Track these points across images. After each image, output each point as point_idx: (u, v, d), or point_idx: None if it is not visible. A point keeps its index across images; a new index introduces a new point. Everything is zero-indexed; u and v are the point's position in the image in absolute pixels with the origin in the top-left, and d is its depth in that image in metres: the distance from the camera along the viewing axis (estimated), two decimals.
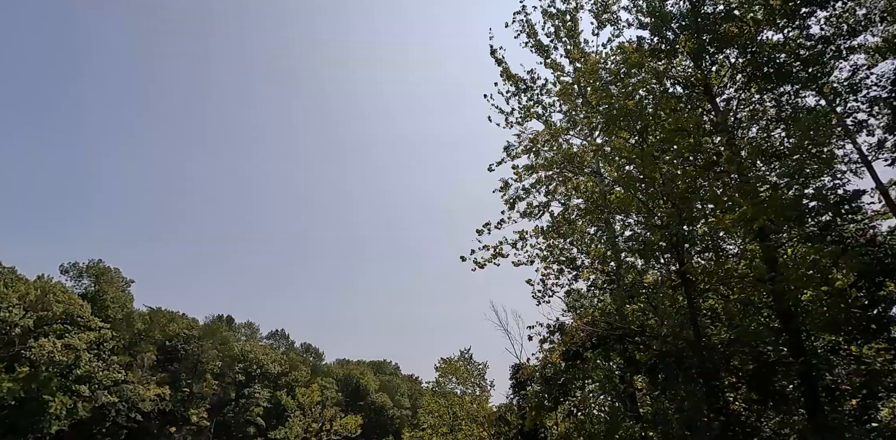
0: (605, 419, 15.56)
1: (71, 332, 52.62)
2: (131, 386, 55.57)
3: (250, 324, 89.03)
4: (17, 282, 55.62)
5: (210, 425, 63.46)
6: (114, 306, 62.71)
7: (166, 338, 64.80)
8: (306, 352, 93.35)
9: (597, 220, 14.58)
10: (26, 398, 46.23)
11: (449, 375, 25.94)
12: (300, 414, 69.09)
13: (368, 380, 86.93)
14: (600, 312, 13.01)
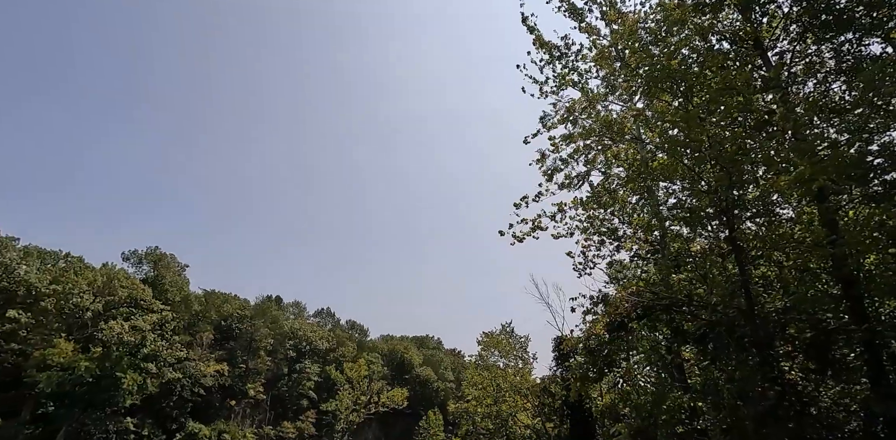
0: (651, 390, 15.44)
1: (136, 315, 56.40)
2: (193, 363, 59.39)
3: (297, 304, 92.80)
4: (86, 270, 59.95)
5: (266, 398, 67.38)
6: (172, 289, 66.73)
7: (221, 318, 68.52)
8: (352, 329, 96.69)
9: (639, 188, 14.10)
10: (102, 375, 50.29)
11: (491, 349, 26.30)
12: (349, 387, 72.15)
13: (412, 355, 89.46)
14: (645, 283, 12.71)
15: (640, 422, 13.81)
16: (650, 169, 12.63)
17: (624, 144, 14.05)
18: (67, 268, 60.46)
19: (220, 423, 59.93)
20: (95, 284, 57.28)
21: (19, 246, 59.50)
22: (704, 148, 10.76)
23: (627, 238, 15.42)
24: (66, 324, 53.78)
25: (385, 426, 79.50)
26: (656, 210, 13.67)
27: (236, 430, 61.07)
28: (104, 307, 55.94)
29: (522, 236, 15.25)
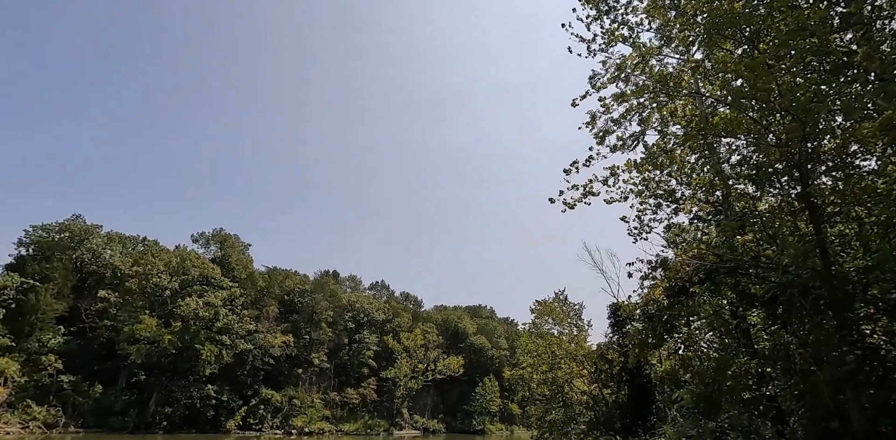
0: (714, 356, 15.00)
1: (208, 292, 60.65)
2: (261, 335, 63.55)
3: (353, 277, 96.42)
4: (161, 252, 64.80)
5: (330, 367, 71.47)
6: (238, 268, 71.08)
7: (284, 293, 72.47)
8: (406, 300, 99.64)
9: (698, 146, 13.27)
10: (183, 347, 54.88)
11: (545, 316, 26.33)
12: (406, 356, 75.11)
13: (466, 324, 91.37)
14: (706, 246, 12.11)
15: (703, 388, 13.51)
16: (711, 124, 11.82)
17: (681, 100, 13.15)
18: (146, 251, 65.65)
19: (289, 390, 64.39)
20: (171, 265, 62.02)
21: (103, 232, 64.98)
22: (773, 98, 9.88)
23: (686, 200, 14.67)
24: (149, 302, 58.77)
25: (442, 392, 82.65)
26: (718, 168, 12.83)
27: (305, 396, 65.49)
28: (180, 285, 60.56)
29: (573, 202, 14.82)
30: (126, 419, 50.86)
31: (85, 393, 50.78)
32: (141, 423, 51.48)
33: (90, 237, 61.99)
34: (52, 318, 52.46)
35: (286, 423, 60.92)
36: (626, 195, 15.07)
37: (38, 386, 48.70)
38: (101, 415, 50.27)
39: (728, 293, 12.47)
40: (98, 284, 59.40)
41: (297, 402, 63.45)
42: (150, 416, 52.50)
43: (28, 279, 51.80)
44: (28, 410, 46.84)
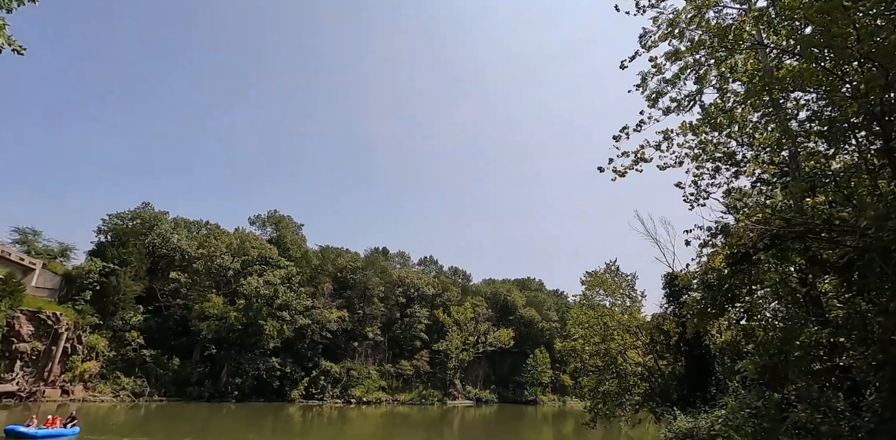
0: (779, 325, 14.29)
1: (267, 271, 63.78)
2: (318, 310, 66.55)
3: (402, 254, 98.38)
4: (223, 235, 68.55)
5: (384, 340, 74.18)
6: (293, 247, 74.19)
7: (337, 271, 75.17)
8: (454, 274, 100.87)
9: (762, 102, 12.28)
10: (248, 323, 58.45)
11: (596, 288, 25.87)
12: (457, 329, 76.63)
13: (515, 297, 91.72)
14: (772, 210, 11.33)
15: (769, 360, 12.94)
16: (776, 78, 10.86)
17: (742, 54, 12.14)
18: (209, 235, 69.66)
19: (346, 362, 67.56)
20: (232, 246, 65.66)
21: (170, 218, 69.38)
22: (850, 44, 8.90)
23: (748, 162, 13.75)
24: (215, 282, 62.63)
25: (493, 363, 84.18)
26: (785, 126, 11.86)
27: (361, 368, 68.56)
28: (241, 265, 64.09)
29: (624, 170, 14.23)
30: (202, 389, 55.31)
31: (165, 365, 55.44)
32: (215, 393, 55.84)
33: (159, 223, 66.42)
34: (132, 299, 57.09)
35: (345, 393, 64.25)
36: (680, 160, 14.31)
37: (124, 359, 53.62)
38: (180, 386, 54.88)
39: (796, 259, 11.71)
40: (169, 266, 63.83)
41: (354, 374, 66.58)
42: (222, 387, 56.79)
43: (109, 263, 56.43)
44: (118, 381, 51.83)
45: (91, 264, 56.27)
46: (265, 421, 40.21)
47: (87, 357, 50.41)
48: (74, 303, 53.20)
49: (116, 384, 51.48)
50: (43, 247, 62.80)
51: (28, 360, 46.19)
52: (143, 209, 67.48)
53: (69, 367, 48.48)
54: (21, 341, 46.13)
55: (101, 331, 52.99)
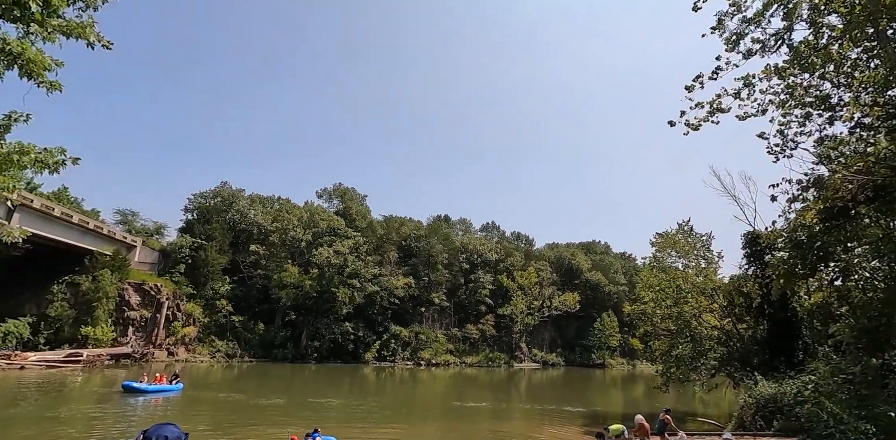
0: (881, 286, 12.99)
1: (336, 241, 66.79)
2: (385, 278, 69.21)
3: (464, 220, 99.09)
4: (294, 209, 72.41)
5: (449, 305, 76.20)
6: (358, 218, 76.95)
7: (401, 239, 77.30)
8: (517, 239, 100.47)
9: (864, 36, 10.69)
10: (322, 291, 62.05)
11: (667, 249, 24.71)
12: (521, 293, 76.99)
13: (580, 261, 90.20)
14: (875, 158, 10.04)
15: (867, 323, 11.87)
16: (883, 6, 9.34)
17: None
18: (281, 209, 73.81)
19: (415, 326, 70.38)
20: (303, 219, 69.37)
21: (246, 195, 74.23)
22: None
23: (845, 105, 12.18)
24: (290, 253, 66.66)
25: (559, 328, 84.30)
26: (893, 61, 10.28)
27: (429, 332, 71.22)
28: (312, 237, 67.61)
29: (698, 123, 13.07)
30: (285, 351, 60.14)
31: (252, 330, 60.60)
32: (297, 355, 60.54)
33: (237, 200, 71.32)
34: (219, 270, 62.32)
35: (415, 356, 67.34)
36: (763, 108, 12.91)
37: (217, 325, 59.15)
38: (266, 348, 59.94)
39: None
40: (248, 240, 68.62)
41: (422, 337, 69.37)
42: (303, 349, 61.37)
43: (197, 239, 61.93)
44: (213, 344, 57.48)
45: (182, 240, 62.12)
46: (342, 380, 43.22)
47: (186, 323, 56.12)
48: (171, 275, 59.08)
49: (212, 346, 57.15)
50: (141, 226, 69.66)
51: (138, 326, 52.22)
52: (221, 188, 72.63)
53: (172, 332, 54.32)
54: (131, 309, 52.08)
55: (195, 299, 58.57)
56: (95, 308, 47.73)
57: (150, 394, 26.94)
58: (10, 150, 5.03)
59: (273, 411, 23.70)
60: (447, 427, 21.50)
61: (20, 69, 4.34)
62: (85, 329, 46.35)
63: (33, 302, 48.21)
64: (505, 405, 30.03)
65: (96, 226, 52.09)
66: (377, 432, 18.92)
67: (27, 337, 44.41)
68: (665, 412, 15.62)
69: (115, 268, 51.04)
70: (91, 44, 4.53)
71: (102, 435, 17.25)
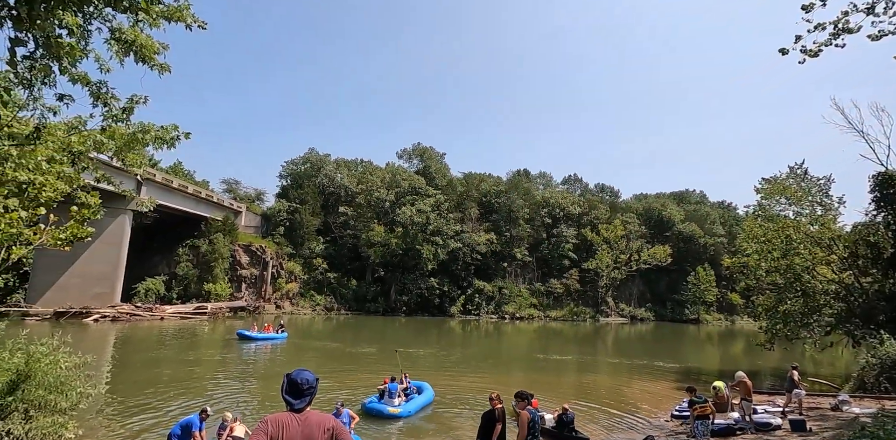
0: None
1: (418, 200, 68.41)
2: (467, 234, 70.09)
3: (544, 174, 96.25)
4: (376, 171, 74.79)
5: (532, 260, 75.78)
6: (438, 176, 77.81)
7: (481, 195, 77.19)
8: (601, 191, 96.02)
9: None
10: (407, 248, 64.50)
11: (775, 196, 21.96)
12: (607, 247, 74.32)
13: (671, 212, 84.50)
14: None
15: None
16: None
17: None
18: (364, 171, 76.64)
19: (498, 281, 71.23)
20: (385, 180, 71.63)
21: (332, 159, 77.95)
22: None
23: None
24: (375, 213, 69.61)
25: (648, 282, 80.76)
26: None
27: (512, 286, 71.81)
28: (395, 196, 69.79)
29: (817, 49, 10.89)
30: (376, 305, 64.21)
31: (346, 285, 65.16)
32: (387, 308, 64.42)
33: (324, 165, 75.33)
34: (313, 231, 67.05)
35: (499, 309, 68.61)
36: None
37: (315, 281, 64.30)
38: (360, 302, 64.36)
39: None
40: (337, 202, 72.53)
41: (506, 292, 70.20)
42: (392, 303, 65.07)
43: (292, 203, 66.94)
44: (313, 298, 62.79)
45: (279, 205, 67.63)
46: (430, 331, 45.45)
47: (289, 279, 61.65)
48: (273, 237, 64.72)
49: (312, 300, 62.50)
50: (244, 193, 76.57)
51: (249, 283, 58.31)
52: (310, 154, 76.92)
53: (277, 288, 60.08)
54: (242, 268, 58.06)
55: (295, 258, 63.85)
56: (214, 267, 53.89)
57: (260, 342, 30.38)
58: (135, 130, 5.57)
59: (367, 359, 25.60)
60: (532, 378, 21.87)
61: (135, 55, 4.73)
62: (207, 285, 52.72)
63: (165, 263, 55.44)
64: (590, 358, 29.87)
65: (207, 195, 57.82)
66: (464, 380, 19.74)
67: (163, 292, 51.54)
68: (793, 369, 14.56)
69: (226, 232, 56.80)
70: (189, 25, 4.80)
71: (225, 375, 19.75)
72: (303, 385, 3.10)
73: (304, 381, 3.11)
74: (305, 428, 2.98)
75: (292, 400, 3.08)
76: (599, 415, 14.94)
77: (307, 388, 3.11)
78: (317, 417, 3.07)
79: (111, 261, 44.67)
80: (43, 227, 10.14)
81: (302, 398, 3.09)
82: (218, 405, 13.48)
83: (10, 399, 8.73)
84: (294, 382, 3.11)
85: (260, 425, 2.98)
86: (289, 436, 2.92)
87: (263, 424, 2.97)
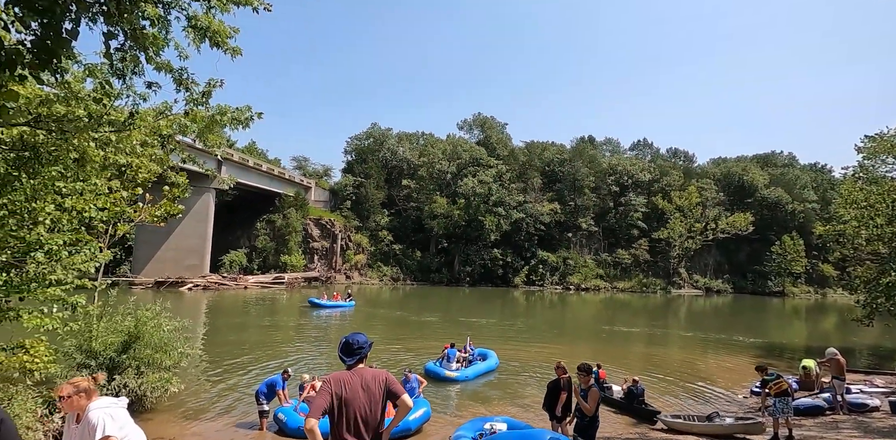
0: None
1: (479, 171, 68.10)
2: (530, 204, 69.06)
3: (610, 140, 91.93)
4: (437, 143, 75.03)
5: (598, 230, 73.46)
6: (499, 146, 76.74)
7: (544, 165, 75.30)
8: (674, 156, 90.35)
9: None
10: (469, 219, 64.80)
11: (881, 155, 19.49)
12: (680, 215, 70.38)
13: (754, 176, 77.97)
14: None
15: None
16: None
17: None
18: (426, 144, 77.10)
19: (562, 251, 69.99)
20: (446, 152, 71.73)
21: (393, 133, 79.11)
22: None
23: None
24: (437, 185, 70.24)
25: (727, 251, 75.95)
26: None
27: (577, 257, 70.30)
28: (457, 168, 69.81)
29: None
30: (441, 275, 65.58)
31: (410, 257, 66.94)
32: (451, 279, 65.61)
33: (387, 139, 76.62)
34: (378, 204, 69.00)
35: (564, 280, 67.65)
36: None
37: (381, 252, 66.60)
38: (424, 273, 66.00)
39: None
40: (400, 175, 73.80)
41: (571, 262, 68.93)
42: (456, 274, 66.13)
43: (357, 177, 69.03)
44: (380, 269, 65.22)
45: (345, 179, 70.17)
46: (494, 301, 45.95)
47: (357, 251, 64.31)
48: (341, 210, 67.45)
49: (379, 271, 64.97)
50: (312, 169, 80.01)
51: (321, 255, 61.53)
52: (372, 129, 78.36)
53: (347, 259, 62.94)
54: (314, 241, 61.23)
55: (362, 231, 66.32)
56: (288, 240, 57.32)
57: (329, 309, 32.52)
58: (213, 113, 5.97)
59: (430, 327, 26.46)
60: (597, 348, 21.64)
61: (210, 40, 4.94)
62: (283, 257, 56.31)
63: (245, 237, 59.69)
64: (660, 331, 28.96)
65: (280, 173, 60.99)
66: (527, 350, 19.93)
67: (245, 264, 55.74)
68: None
69: (298, 207, 59.94)
70: (255, 8, 4.92)
71: (301, 340, 21.28)
72: (354, 345, 3.56)
73: (355, 342, 3.56)
74: (362, 381, 3.44)
75: (345, 357, 3.56)
76: (671, 388, 14.57)
77: (357, 348, 3.54)
78: (370, 372, 3.53)
79: (200, 235, 48.83)
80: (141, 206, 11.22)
81: (353, 356, 3.54)
82: (296, 366, 14.60)
83: (124, 357, 9.98)
84: (348, 343, 3.58)
85: (324, 385, 3.42)
86: (351, 390, 3.38)
87: (326, 384, 3.42)
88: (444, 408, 11.81)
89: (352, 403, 3.36)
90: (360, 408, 3.37)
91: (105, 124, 5.30)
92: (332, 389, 3.36)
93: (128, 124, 5.31)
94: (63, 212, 6.79)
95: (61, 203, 6.67)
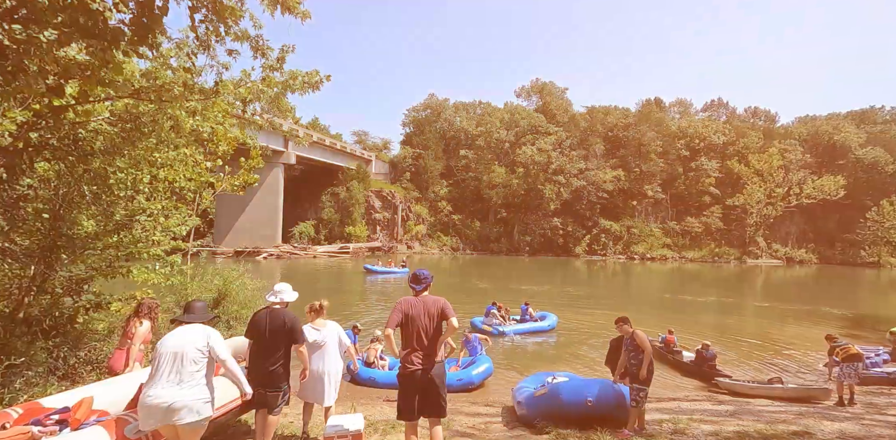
0: None
1: (538, 139, 66.51)
2: (592, 172, 66.80)
3: (681, 101, 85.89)
4: (495, 111, 73.84)
5: (665, 197, 69.89)
6: (559, 112, 74.16)
7: (607, 130, 72.06)
8: (753, 116, 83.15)
9: None
10: (528, 188, 64.00)
11: None
12: (758, 180, 65.34)
13: (847, 135, 70.38)
14: None
15: None
16: None
17: None
18: (483, 113, 76.05)
19: (626, 220, 67.51)
20: (504, 120, 70.60)
21: (450, 103, 78.58)
22: None
23: None
24: (495, 154, 69.53)
25: (812, 219, 69.88)
26: None
27: (643, 225, 67.59)
28: (515, 136, 68.55)
29: None
30: (500, 245, 65.72)
31: (470, 226, 67.45)
32: (511, 248, 65.62)
33: (444, 110, 76.31)
34: (437, 175, 69.57)
35: (628, 250, 65.50)
36: None
37: (441, 223, 67.60)
38: (483, 242, 66.41)
39: None
40: (457, 146, 73.63)
41: (635, 231, 66.47)
42: (516, 243, 65.98)
43: (415, 149, 69.81)
44: (440, 239, 66.37)
45: (404, 151, 71.15)
46: (555, 271, 45.60)
47: (417, 222, 65.70)
48: (400, 182, 68.79)
49: (439, 241, 66.15)
50: (372, 143, 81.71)
51: (383, 226, 63.49)
52: (429, 100, 78.11)
53: (407, 230, 64.54)
54: (375, 212, 63.17)
55: (421, 202, 67.46)
56: (352, 212, 59.55)
57: (381, 275, 34.53)
58: (288, 77, 6.37)
59: (484, 292, 26.89)
60: (664, 317, 21.10)
61: (281, 6, 5.12)
62: (347, 228, 58.72)
63: (312, 209, 62.64)
64: (733, 301, 27.65)
65: (342, 147, 62.83)
66: (591, 314, 19.90)
67: (313, 234, 58.74)
68: None
69: (360, 180, 61.79)
70: None
71: (365, 301, 22.58)
72: (420, 276, 4.63)
73: (421, 274, 4.64)
74: (424, 304, 4.45)
75: (414, 285, 4.61)
76: (746, 356, 14.08)
77: (422, 279, 4.61)
78: (431, 297, 4.54)
79: (272, 207, 51.92)
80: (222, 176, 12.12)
81: (420, 285, 4.58)
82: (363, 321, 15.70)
83: (216, 311, 11.05)
84: (416, 275, 4.66)
85: (396, 305, 4.47)
86: (415, 310, 4.42)
87: (398, 304, 4.46)
88: (506, 366, 12.19)
89: (416, 320, 4.37)
90: (421, 325, 4.36)
91: (196, 92, 5.77)
92: (402, 308, 4.40)
93: (213, 93, 5.77)
94: (157, 182, 7.54)
95: (156, 174, 7.39)
